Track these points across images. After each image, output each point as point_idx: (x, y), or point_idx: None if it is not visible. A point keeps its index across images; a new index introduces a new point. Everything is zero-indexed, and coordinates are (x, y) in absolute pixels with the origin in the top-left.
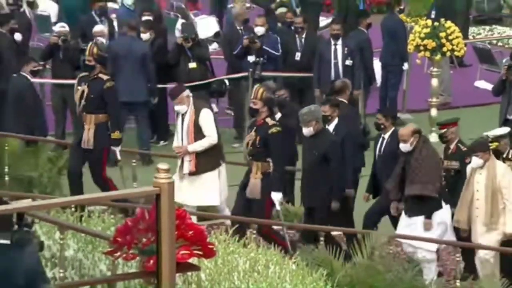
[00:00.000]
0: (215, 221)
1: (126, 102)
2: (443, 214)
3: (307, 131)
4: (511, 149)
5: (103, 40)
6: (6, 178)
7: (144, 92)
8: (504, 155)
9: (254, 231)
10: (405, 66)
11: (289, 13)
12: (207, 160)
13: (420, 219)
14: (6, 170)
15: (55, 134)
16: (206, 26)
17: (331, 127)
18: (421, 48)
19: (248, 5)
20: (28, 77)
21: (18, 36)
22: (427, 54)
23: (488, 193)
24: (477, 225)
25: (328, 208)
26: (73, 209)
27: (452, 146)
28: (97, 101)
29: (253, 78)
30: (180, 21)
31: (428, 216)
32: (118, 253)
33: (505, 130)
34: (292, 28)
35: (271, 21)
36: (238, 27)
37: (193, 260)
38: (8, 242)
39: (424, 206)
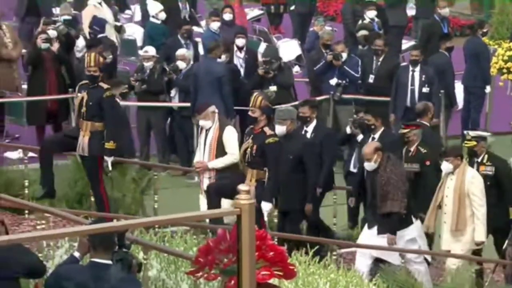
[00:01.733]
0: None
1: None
2: (412, 231)
3: (280, 129)
4: (486, 155)
5: (184, 64)
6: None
7: (221, 112)
8: (479, 159)
9: (335, 253)
10: (488, 89)
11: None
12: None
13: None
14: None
15: (140, 155)
16: (289, 49)
17: (309, 129)
18: (504, 70)
19: (329, 28)
20: (117, 99)
21: (108, 59)
22: (510, 76)
23: (456, 198)
24: (445, 232)
25: (302, 212)
26: (157, 229)
27: (413, 148)
28: (95, 109)
29: (334, 100)
30: (263, 45)
31: (392, 232)
32: (200, 273)
33: (486, 133)
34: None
35: (352, 44)
36: (323, 51)
37: (274, 281)
38: (110, 262)
39: (390, 223)
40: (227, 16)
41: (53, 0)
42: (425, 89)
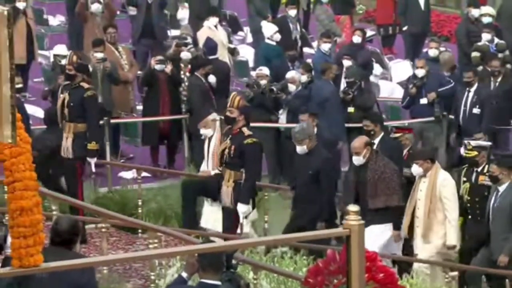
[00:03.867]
0: None
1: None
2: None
3: (300, 149)
4: (487, 165)
5: (294, 86)
6: None
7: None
8: (479, 169)
9: (447, 276)
10: None
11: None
12: None
13: (374, 228)
14: None
15: None
16: (401, 70)
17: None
18: None
19: (443, 48)
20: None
21: (212, 79)
22: None
23: (427, 202)
24: (417, 237)
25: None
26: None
27: (405, 152)
28: (76, 110)
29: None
30: (375, 66)
31: (397, 227)
32: None
33: (487, 143)
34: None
35: (466, 65)
36: (445, 73)
37: None
38: (218, 283)
39: (388, 216)
40: (356, 39)
41: (167, 23)
42: (475, 110)
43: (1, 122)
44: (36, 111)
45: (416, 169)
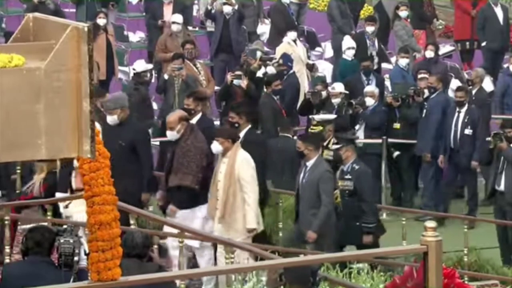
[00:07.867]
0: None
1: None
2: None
3: (111, 119)
4: (333, 139)
5: (372, 100)
6: (280, 234)
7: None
8: (325, 144)
9: None
10: None
11: None
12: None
13: (181, 213)
14: (281, 226)
15: None
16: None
17: (194, 121)
18: None
19: None
20: (292, 137)
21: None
22: None
23: (226, 183)
24: (216, 219)
25: (139, 202)
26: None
27: None
28: None
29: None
30: (454, 81)
31: (180, 206)
32: None
33: (331, 116)
34: None
35: None
36: None
37: None
38: None
39: (184, 198)
40: (429, 54)
41: (246, 38)
42: (467, 131)
43: (80, 137)
44: None
45: (215, 147)
